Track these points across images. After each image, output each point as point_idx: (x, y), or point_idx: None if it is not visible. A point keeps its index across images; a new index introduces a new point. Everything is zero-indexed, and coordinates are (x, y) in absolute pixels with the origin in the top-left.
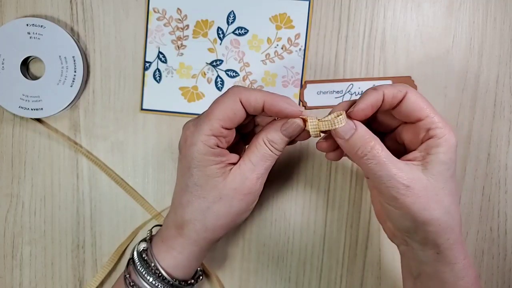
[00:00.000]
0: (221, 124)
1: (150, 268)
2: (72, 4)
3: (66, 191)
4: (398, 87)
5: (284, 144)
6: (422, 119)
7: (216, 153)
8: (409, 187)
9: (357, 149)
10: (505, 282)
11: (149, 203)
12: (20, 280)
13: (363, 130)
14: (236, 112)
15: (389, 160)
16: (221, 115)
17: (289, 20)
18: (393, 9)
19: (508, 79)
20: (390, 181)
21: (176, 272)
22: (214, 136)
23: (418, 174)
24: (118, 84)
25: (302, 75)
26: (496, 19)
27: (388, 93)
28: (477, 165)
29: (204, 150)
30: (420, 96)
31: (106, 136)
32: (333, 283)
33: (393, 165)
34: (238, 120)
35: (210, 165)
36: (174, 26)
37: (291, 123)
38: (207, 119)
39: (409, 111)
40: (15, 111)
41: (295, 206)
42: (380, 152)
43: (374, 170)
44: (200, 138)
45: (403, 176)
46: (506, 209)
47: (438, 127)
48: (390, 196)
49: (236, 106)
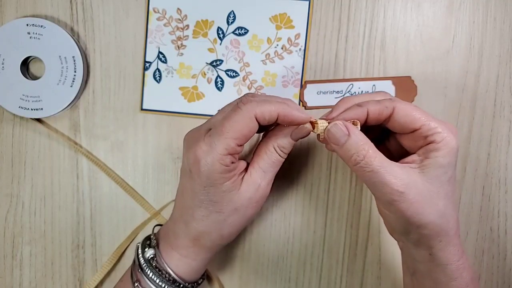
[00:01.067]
0: (236, 142)
1: (163, 275)
2: (72, 4)
3: (66, 191)
4: (385, 103)
5: (291, 147)
6: (417, 129)
7: (231, 169)
8: (403, 193)
9: (351, 156)
10: (505, 282)
11: (148, 203)
12: (20, 280)
13: (357, 137)
14: (252, 129)
15: (383, 167)
16: (237, 134)
17: (289, 20)
18: (393, 9)
19: (508, 79)
20: (384, 188)
21: (190, 277)
22: (230, 155)
23: (414, 178)
24: (118, 84)
25: (302, 75)
26: (496, 19)
27: (373, 110)
28: (477, 165)
29: (221, 169)
30: (410, 106)
31: (106, 136)
32: (333, 283)
33: (387, 171)
34: (252, 135)
35: (225, 183)
36: (174, 26)
37: (301, 129)
38: (222, 138)
39: (402, 124)
40: (15, 111)
41: (295, 206)
42: (373, 160)
43: (368, 177)
44: (216, 158)
45: (397, 182)
46: (506, 209)
47: (436, 132)
48: (385, 201)
49: (252, 124)
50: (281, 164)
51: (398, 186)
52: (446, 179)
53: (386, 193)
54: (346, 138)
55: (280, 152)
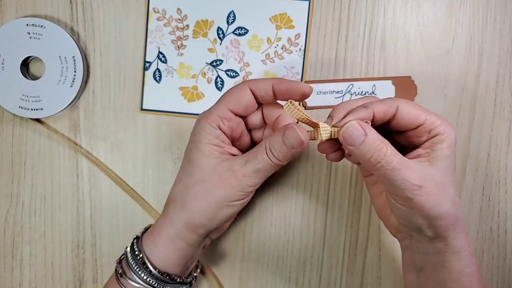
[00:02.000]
0: (226, 106)
1: (136, 256)
2: (72, 4)
3: (66, 191)
4: (388, 102)
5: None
6: (422, 124)
7: (215, 134)
8: (422, 187)
9: (370, 156)
10: (505, 282)
11: (149, 204)
12: (20, 280)
13: (374, 136)
14: (243, 97)
15: (401, 164)
16: (229, 101)
17: (289, 20)
18: (393, 9)
19: (508, 79)
20: (404, 184)
21: (156, 261)
22: (217, 116)
23: (427, 171)
24: (118, 84)
25: (302, 75)
26: (496, 19)
27: (378, 110)
28: (477, 165)
29: (205, 127)
30: (411, 104)
31: (106, 136)
32: (333, 283)
33: (406, 168)
34: (244, 106)
35: (207, 143)
36: (174, 26)
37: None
38: (217, 103)
39: (406, 121)
40: (15, 111)
41: (295, 206)
42: (393, 158)
43: (389, 175)
44: (205, 116)
45: (416, 177)
46: (506, 209)
47: (439, 125)
48: (404, 197)
49: (244, 92)
50: (267, 167)
51: (416, 180)
52: (452, 168)
53: (406, 188)
54: (363, 138)
55: (269, 151)
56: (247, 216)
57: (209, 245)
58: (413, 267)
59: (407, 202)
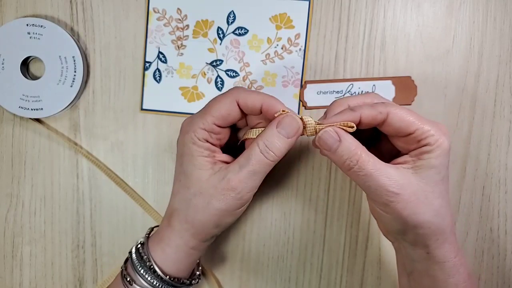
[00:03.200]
0: (213, 121)
1: (144, 263)
2: (72, 4)
3: (66, 191)
4: (379, 108)
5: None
6: (411, 133)
7: (205, 147)
8: (399, 194)
9: (344, 161)
10: (505, 282)
11: (149, 204)
12: (20, 280)
13: (348, 142)
14: (231, 113)
15: (376, 170)
16: (216, 113)
17: (289, 20)
18: (393, 9)
19: (508, 79)
20: (379, 190)
21: (167, 267)
22: (205, 131)
23: (408, 178)
24: (118, 84)
25: (302, 75)
26: (496, 19)
27: (366, 116)
28: (477, 165)
29: (194, 140)
30: (403, 111)
31: (106, 136)
32: (333, 283)
33: (382, 174)
34: (231, 120)
35: (198, 156)
36: (174, 26)
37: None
38: (202, 114)
39: (396, 129)
40: (15, 111)
41: (295, 206)
42: (366, 163)
43: (363, 180)
44: (192, 128)
45: (392, 184)
46: (506, 209)
47: (430, 135)
48: (381, 203)
49: (232, 107)
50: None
51: (393, 187)
52: (439, 179)
53: (382, 195)
54: (338, 144)
55: (264, 148)
56: (247, 216)
57: (210, 246)
58: (404, 270)
59: (384, 207)
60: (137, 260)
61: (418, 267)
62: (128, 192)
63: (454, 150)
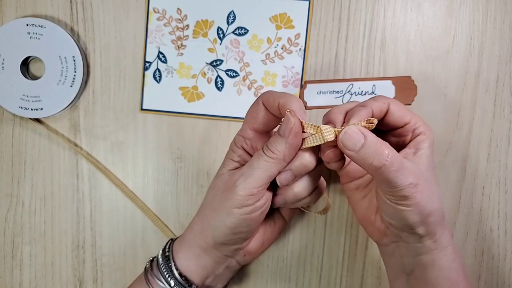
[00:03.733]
0: (248, 126)
1: (169, 266)
2: (72, 4)
3: (66, 191)
4: (381, 100)
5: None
6: (408, 122)
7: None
8: (417, 185)
9: (372, 160)
10: (505, 282)
11: (147, 206)
12: (20, 280)
13: (373, 140)
14: (259, 113)
15: (402, 164)
16: (247, 117)
17: (289, 20)
18: (393, 9)
19: (508, 79)
20: (403, 184)
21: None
22: (241, 137)
23: (418, 169)
24: (118, 84)
25: (302, 75)
26: (496, 19)
27: (375, 108)
28: (477, 165)
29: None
30: (398, 102)
31: (106, 136)
32: (333, 283)
33: (405, 167)
34: (261, 120)
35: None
36: (174, 26)
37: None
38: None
39: (396, 119)
40: (15, 111)
41: None
42: (395, 159)
43: (391, 177)
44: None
45: (412, 176)
46: (506, 209)
47: (422, 125)
48: (401, 196)
49: (259, 108)
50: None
51: (413, 179)
52: (433, 167)
53: (405, 188)
54: (363, 141)
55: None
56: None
57: None
58: (401, 272)
59: (404, 200)
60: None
61: (423, 261)
62: (128, 194)
63: (454, 150)
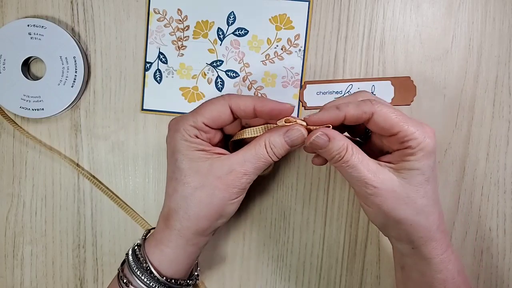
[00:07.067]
0: (203, 120)
1: (141, 264)
2: (73, 5)
3: (67, 191)
4: (364, 108)
5: (282, 150)
6: (394, 134)
7: (197, 142)
8: (377, 188)
9: (334, 156)
10: (504, 282)
11: (143, 218)
12: (21, 280)
13: (337, 139)
14: (222, 115)
15: (360, 162)
16: (207, 114)
17: (289, 21)
18: (392, 10)
19: (507, 80)
20: (359, 182)
21: (165, 268)
22: (195, 128)
23: (390, 175)
24: (119, 85)
25: (302, 76)
26: (495, 20)
27: (351, 115)
28: (476, 165)
29: (185, 137)
30: (389, 110)
31: (106, 136)
32: (333, 282)
33: (365, 168)
34: (221, 123)
35: (193, 150)
36: (175, 26)
37: (294, 130)
38: (192, 113)
39: (380, 128)
40: (16, 111)
41: (295, 206)
42: (352, 156)
43: (349, 172)
44: (182, 126)
45: (372, 177)
46: (505, 209)
47: (413, 138)
48: (361, 195)
49: (223, 110)
50: (266, 164)
51: (372, 181)
52: (424, 179)
53: (362, 187)
54: (328, 143)
55: (269, 149)
56: (247, 216)
57: (210, 245)
58: (398, 263)
59: (365, 200)
60: (134, 262)
61: (408, 261)
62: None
63: (453, 150)
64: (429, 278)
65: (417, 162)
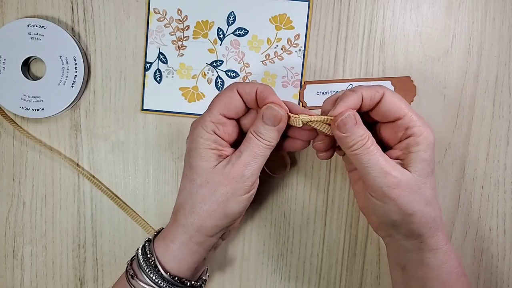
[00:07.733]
0: (219, 111)
1: (148, 259)
2: (73, 5)
3: (67, 191)
4: (375, 88)
5: (271, 133)
6: (401, 118)
7: (212, 139)
8: (397, 178)
9: (357, 141)
10: (504, 282)
11: (142, 218)
12: (21, 280)
13: (362, 125)
14: (232, 101)
15: (380, 153)
16: (219, 104)
17: (289, 20)
18: (392, 10)
19: (507, 79)
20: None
21: (169, 264)
22: (212, 122)
23: (403, 171)
24: (119, 85)
25: (302, 76)
26: (495, 20)
27: (366, 95)
28: (476, 165)
29: (202, 134)
30: (397, 95)
31: (106, 136)
32: (333, 282)
33: (384, 157)
34: (234, 109)
35: (205, 148)
36: (175, 26)
37: (267, 110)
38: (209, 109)
39: (387, 110)
40: (16, 111)
41: (295, 206)
42: (373, 145)
43: (368, 161)
44: (200, 123)
45: (393, 168)
46: (505, 208)
47: (417, 125)
48: (380, 191)
49: (232, 95)
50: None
51: (394, 171)
52: (430, 171)
53: (382, 178)
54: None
55: (257, 136)
56: (247, 216)
57: None
58: (397, 264)
59: (382, 195)
60: (142, 256)
61: (413, 258)
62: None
63: (453, 150)
64: (435, 271)
65: (423, 152)
